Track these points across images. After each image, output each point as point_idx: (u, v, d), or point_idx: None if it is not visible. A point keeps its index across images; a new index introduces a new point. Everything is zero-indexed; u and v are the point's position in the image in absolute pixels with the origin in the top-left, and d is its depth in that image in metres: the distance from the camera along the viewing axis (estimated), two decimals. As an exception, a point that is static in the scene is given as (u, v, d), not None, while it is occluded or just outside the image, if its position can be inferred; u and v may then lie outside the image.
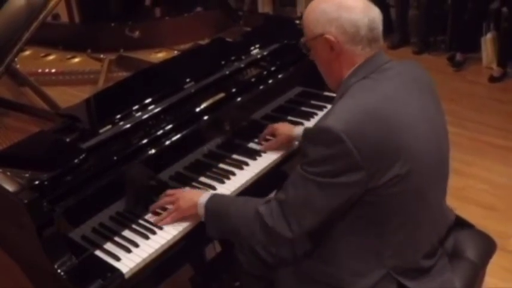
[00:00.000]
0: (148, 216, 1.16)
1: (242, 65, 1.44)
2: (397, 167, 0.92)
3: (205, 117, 1.28)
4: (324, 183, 0.92)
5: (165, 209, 1.16)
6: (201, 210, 1.09)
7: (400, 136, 0.93)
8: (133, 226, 1.13)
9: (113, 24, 1.75)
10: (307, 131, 0.97)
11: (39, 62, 1.69)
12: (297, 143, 1.37)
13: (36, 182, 1.00)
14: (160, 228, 1.12)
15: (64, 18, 2.32)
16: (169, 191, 1.18)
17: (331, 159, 0.91)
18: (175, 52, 1.67)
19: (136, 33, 1.67)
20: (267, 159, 1.34)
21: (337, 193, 0.93)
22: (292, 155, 1.38)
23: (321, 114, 1.53)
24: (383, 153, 0.91)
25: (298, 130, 1.35)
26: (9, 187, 0.99)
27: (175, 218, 1.13)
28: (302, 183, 0.95)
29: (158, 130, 1.19)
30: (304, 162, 0.95)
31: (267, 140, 1.39)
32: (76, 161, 1.05)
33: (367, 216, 0.96)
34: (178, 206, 1.12)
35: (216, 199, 1.10)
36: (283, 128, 1.38)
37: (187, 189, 1.22)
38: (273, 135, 1.38)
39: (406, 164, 0.93)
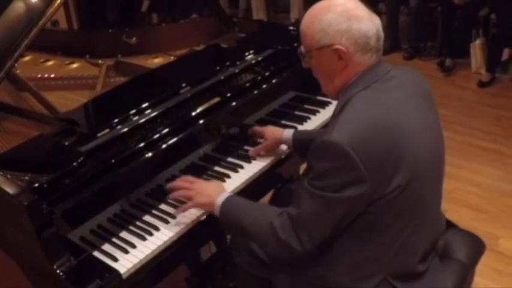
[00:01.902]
0: (146, 218, 1.18)
1: (237, 70, 1.47)
2: (399, 177, 0.93)
3: (201, 121, 1.30)
4: (330, 197, 0.93)
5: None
6: (217, 210, 1.12)
7: (402, 146, 0.93)
8: (131, 227, 1.15)
9: (110, 31, 1.79)
10: (313, 145, 0.97)
11: (38, 67, 1.72)
12: (285, 146, 1.37)
13: (36, 185, 1.02)
14: (157, 229, 1.14)
15: (63, 24, 2.36)
16: (189, 179, 1.18)
17: (336, 172, 0.92)
18: (172, 58, 1.70)
19: (134, 39, 1.71)
20: (262, 162, 1.36)
21: (344, 207, 0.94)
22: (287, 158, 1.40)
23: (314, 118, 1.55)
24: (386, 164, 0.92)
25: (287, 133, 1.35)
26: (10, 189, 1.01)
27: (189, 208, 1.16)
28: (309, 198, 0.96)
29: (155, 134, 1.21)
30: (311, 177, 0.96)
31: (257, 144, 1.39)
32: (75, 164, 1.07)
33: (367, 225, 0.97)
34: (196, 202, 1.14)
35: (231, 202, 1.11)
36: (269, 131, 1.38)
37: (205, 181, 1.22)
38: (261, 137, 1.38)
39: (408, 174, 0.94)
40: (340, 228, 0.98)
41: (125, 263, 1.06)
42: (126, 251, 1.09)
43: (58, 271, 1.01)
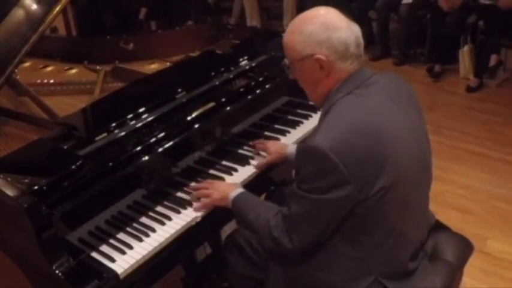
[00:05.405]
0: (143, 219, 1.20)
1: (231, 76, 1.50)
2: (383, 178, 0.95)
3: (196, 126, 1.33)
4: (317, 199, 0.97)
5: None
6: (229, 204, 1.19)
7: (386, 148, 0.96)
8: (128, 229, 1.17)
9: (108, 37, 1.82)
10: (297, 151, 1.01)
11: (38, 73, 1.74)
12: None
13: (35, 187, 1.04)
14: (153, 231, 1.17)
15: (62, 31, 2.38)
16: (210, 181, 1.28)
17: (320, 176, 0.95)
18: (168, 64, 1.72)
19: (131, 46, 1.73)
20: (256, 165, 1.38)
21: (330, 208, 0.97)
22: (280, 163, 1.42)
23: (306, 122, 1.58)
24: (369, 166, 0.94)
25: (291, 149, 1.37)
26: (10, 192, 1.03)
27: (208, 206, 1.22)
28: (298, 200, 1.00)
29: (151, 138, 1.24)
30: (298, 180, 1.00)
31: (259, 154, 1.41)
32: (73, 167, 1.09)
33: (356, 227, 1.00)
34: (213, 198, 1.21)
35: (242, 198, 1.18)
36: (275, 146, 1.40)
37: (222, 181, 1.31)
38: (265, 151, 1.41)
39: (392, 175, 0.96)
40: (330, 229, 1.02)
41: (122, 263, 1.08)
42: (123, 252, 1.11)
43: (57, 271, 1.03)
